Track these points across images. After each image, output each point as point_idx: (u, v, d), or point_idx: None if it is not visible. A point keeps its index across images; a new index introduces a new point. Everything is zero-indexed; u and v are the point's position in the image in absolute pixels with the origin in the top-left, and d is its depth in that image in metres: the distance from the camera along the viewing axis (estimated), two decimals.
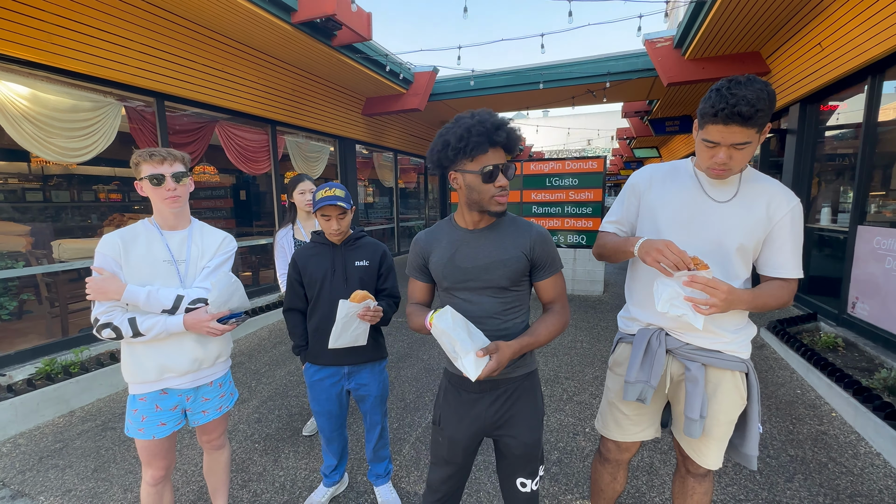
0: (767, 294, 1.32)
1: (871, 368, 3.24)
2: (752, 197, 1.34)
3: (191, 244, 1.63)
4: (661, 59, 5.96)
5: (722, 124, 1.21)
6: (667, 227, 1.40)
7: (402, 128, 9.67)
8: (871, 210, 4.05)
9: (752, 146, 1.24)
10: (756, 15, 4.54)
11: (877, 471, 2.32)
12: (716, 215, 1.35)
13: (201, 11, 4.28)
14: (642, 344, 1.45)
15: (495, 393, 1.36)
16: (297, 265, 1.93)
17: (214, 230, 1.73)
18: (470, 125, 1.21)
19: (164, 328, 1.51)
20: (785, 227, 1.32)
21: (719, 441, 1.44)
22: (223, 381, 1.76)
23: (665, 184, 1.45)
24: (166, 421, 1.62)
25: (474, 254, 1.31)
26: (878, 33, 3.49)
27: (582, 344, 4.34)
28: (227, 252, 1.71)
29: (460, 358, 1.17)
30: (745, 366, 1.41)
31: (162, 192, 1.53)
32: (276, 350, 4.37)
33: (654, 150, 15.00)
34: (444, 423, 1.42)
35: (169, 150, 1.55)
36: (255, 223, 7.45)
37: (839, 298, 4.22)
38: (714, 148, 1.26)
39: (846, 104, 4.68)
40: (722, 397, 1.41)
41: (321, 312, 1.89)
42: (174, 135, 4.82)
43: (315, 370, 1.96)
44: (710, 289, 1.21)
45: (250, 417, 3.04)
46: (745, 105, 1.15)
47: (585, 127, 25.61)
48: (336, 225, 1.83)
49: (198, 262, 1.64)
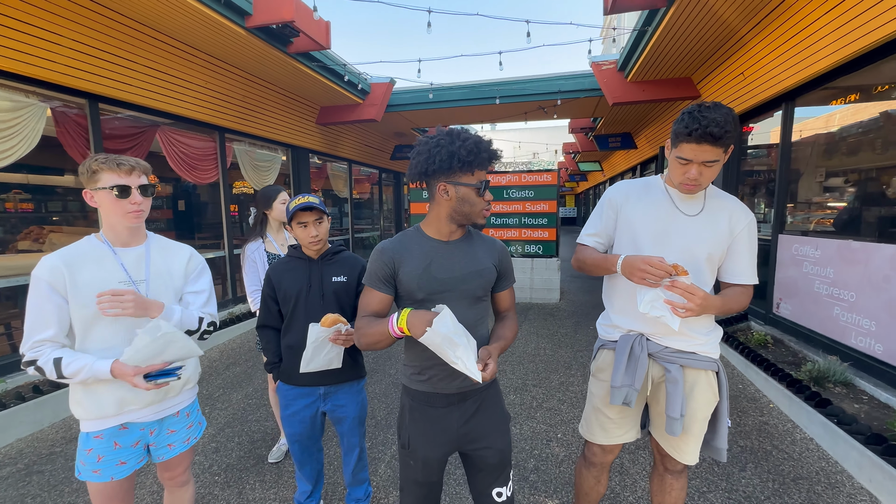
0: (732, 300, 1.47)
1: (797, 362, 3.63)
2: (716, 211, 1.49)
3: (150, 261, 1.47)
4: (606, 81, 6.40)
5: (695, 143, 1.33)
6: (644, 238, 1.51)
7: (358, 138, 9.54)
8: (789, 220, 4.58)
9: (719, 165, 1.38)
10: (688, 45, 5.03)
11: (812, 454, 2.60)
12: (687, 228, 1.48)
13: (144, 10, 3.98)
14: (626, 349, 1.53)
15: (463, 405, 1.36)
16: (271, 281, 1.83)
17: (175, 244, 1.58)
18: (478, 140, 1.25)
19: (90, 373, 1.31)
20: (743, 239, 1.48)
21: (696, 438, 1.55)
22: (191, 410, 1.61)
23: (640, 198, 1.56)
24: (127, 459, 1.44)
25: (450, 265, 1.32)
26: (791, 66, 4.00)
27: (545, 351, 4.48)
28: (205, 269, 1.58)
29: (462, 361, 1.15)
30: (717, 365, 1.54)
31: (125, 205, 1.37)
32: (230, 372, 4.08)
33: (597, 164, 15.97)
34: (415, 445, 1.36)
35: (137, 161, 1.41)
36: (198, 235, 6.96)
37: (766, 300, 4.70)
38: (687, 165, 1.38)
39: (760, 126, 5.29)
40: (699, 395, 1.51)
41: (296, 331, 1.79)
42: (109, 140, 4.41)
43: (288, 390, 1.85)
44: (688, 294, 1.32)
45: (206, 447, 2.80)
46: (715, 126, 1.29)
47: (533, 141, 26.74)
48: (314, 231, 1.76)
49: (164, 281, 1.48)
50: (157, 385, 1.34)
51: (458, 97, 7.59)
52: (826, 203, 4.29)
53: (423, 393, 1.36)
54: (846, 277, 3.50)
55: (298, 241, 1.83)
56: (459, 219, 1.31)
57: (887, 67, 3.31)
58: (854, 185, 3.90)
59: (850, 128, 3.86)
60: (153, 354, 1.32)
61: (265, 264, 2.39)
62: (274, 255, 2.44)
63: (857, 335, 3.37)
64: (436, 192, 1.30)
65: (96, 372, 1.31)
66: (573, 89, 7.18)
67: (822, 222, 4.26)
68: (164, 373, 1.37)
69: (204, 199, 7.05)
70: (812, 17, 3.62)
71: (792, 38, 3.93)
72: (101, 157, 1.37)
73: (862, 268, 3.33)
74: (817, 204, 4.40)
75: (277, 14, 4.37)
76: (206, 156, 5.61)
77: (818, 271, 3.85)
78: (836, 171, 4.15)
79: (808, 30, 3.69)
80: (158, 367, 1.35)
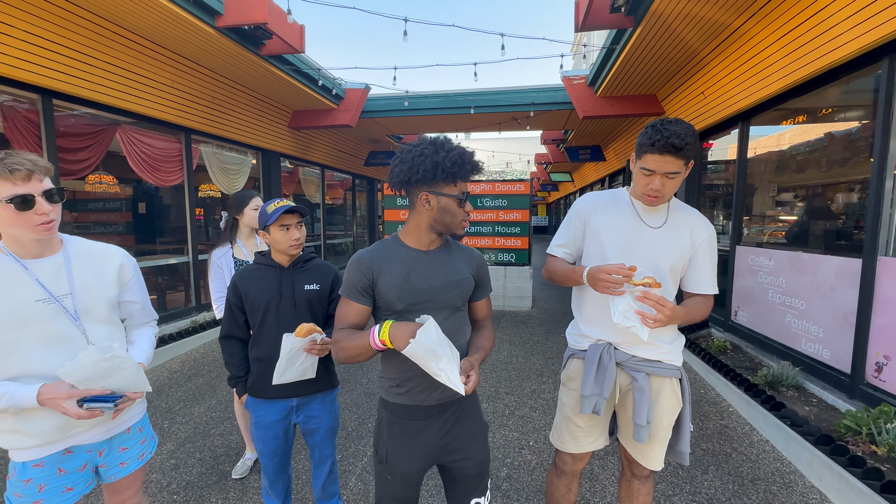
0: (695, 310, 1.53)
1: (753, 367, 3.82)
2: (679, 223, 1.55)
3: (72, 271, 1.27)
4: (577, 95, 6.61)
5: (658, 154, 1.39)
6: (611, 249, 1.56)
7: (331, 143, 9.42)
8: (745, 232, 4.85)
9: (680, 177, 1.43)
10: (653, 64, 5.28)
11: (768, 455, 2.73)
12: (651, 240, 1.53)
13: (106, 3, 3.81)
14: (595, 359, 1.56)
15: (443, 417, 1.35)
16: (237, 289, 1.75)
17: (101, 247, 1.38)
18: (462, 152, 1.25)
19: (11, 402, 1.14)
20: (704, 251, 1.54)
21: (662, 443, 1.60)
22: (142, 425, 1.48)
23: (607, 210, 1.60)
24: (74, 485, 1.31)
25: (430, 275, 1.31)
26: (746, 88, 4.26)
27: (517, 359, 4.52)
28: (139, 274, 1.45)
29: (446, 373, 1.14)
30: (680, 372, 1.59)
31: (30, 217, 1.14)
32: (192, 383, 3.89)
33: (568, 175, 16.41)
34: (393, 460, 1.33)
35: (35, 161, 1.16)
36: (160, 240, 6.64)
37: (725, 307, 4.94)
38: (650, 176, 1.44)
39: (719, 143, 5.60)
40: (663, 402, 1.56)
41: (266, 342, 1.72)
42: (64, 138, 4.17)
43: (259, 404, 1.78)
44: (659, 306, 1.37)
45: (165, 464, 2.65)
46: (676, 138, 1.36)
47: (506, 150, 27.21)
48: (297, 233, 1.72)
49: (93, 293, 1.29)
50: (91, 412, 1.18)
51: (433, 105, 7.65)
52: (779, 216, 4.57)
53: (402, 406, 1.34)
54: (797, 287, 3.72)
55: (276, 246, 1.74)
56: (440, 228, 1.31)
57: (831, 92, 3.58)
58: (803, 200, 4.18)
59: (799, 146, 4.14)
60: (96, 376, 1.18)
61: (232, 270, 2.31)
62: (242, 262, 2.36)
63: (806, 341, 3.59)
64: (417, 202, 1.29)
65: (18, 400, 1.14)
66: (546, 102, 7.37)
67: (776, 234, 4.53)
68: (101, 398, 1.20)
69: (167, 201, 6.75)
70: (764, 44, 3.88)
71: (747, 63, 4.19)
72: None
73: (811, 278, 3.56)
74: (770, 217, 4.68)
75: (249, 15, 4.28)
76: (171, 157, 5.39)
77: (772, 281, 4.08)
78: (787, 186, 4.43)
79: (761, 55, 3.95)
80: (97, 392, 1.20)
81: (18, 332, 1.17)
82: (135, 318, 1.46)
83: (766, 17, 3.79)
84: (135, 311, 1.45)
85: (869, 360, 2.97)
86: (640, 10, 4.13)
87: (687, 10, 3.92)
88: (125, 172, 5.03)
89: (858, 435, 2.51)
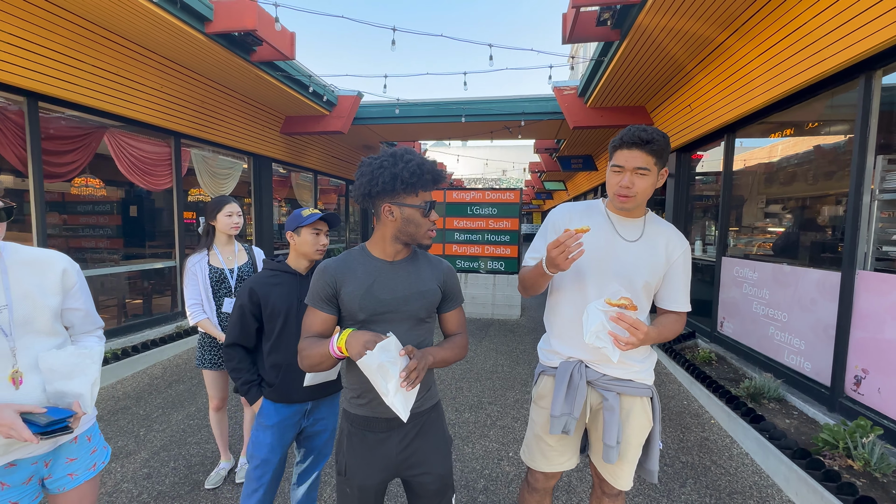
0: (667, 329, 1.51)
1: (737, 379, 3.82)
2: (654, 237, 1.51)
3: (9, 282, 1.20)
4: (567, 105, 6.66)
5: (626, 149, 1.41)
6: (585, 261, 1.51)
7: (324, 149, 9.43)
8: (731, 244, 4.88)
9: (650, 177, 1.41)
10: (641, 77, 5.34)
11: (746, 469, 2.72)
12: (626, 254, 1.49)
13: (94, 7, 3.81)
14: (565, 377, 1.52)
15: (403, 430, 1.34)
16: (255, 295, 1.74)
17: (41, 253, 1.31)
18: (421, 162, 1.25)
19: None
20: (679, 267, 1.51)
21: (631, 463, 1.56)
22: (91, 434, 1.40)
23: (582, 221, 1.57)
24: (18, 498, 1.25)
25: (393, 285, 1.31)
26: (731, 102, 4.31)
27: (503, 368, 4.50)
28: (83, 280, 1.38)
29: (391, 396, 1.13)
30: (651, 391, 1.56)
31: None
32: (173, 390, 3.84)
33: (562, 184, 16.50)
34: (352, 472, 1.33)
35: None
36: (149, 244, 6.60)
37: (711, 318, 4.95)
38: (620, 173, 1.43)
39: (709, 154, 5.65)
40: (634, 422, 1.53)
41: (286, 348, 1.73)
42: (50, 140, 4.15)
43: (279, 408, 1.75)
44: (633, 329, 1.33)
45: (137, 474, 2.61)
46: (643, 132, 1.39)
47: (502, 159, 27.34)
48: (325, 240, 1.79)
49: (33, 303, 1.23)
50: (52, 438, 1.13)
51: (425, 113, 7.68)
52: (766, 228, 4.61)
53: (363, 417, 1.33)
54: (779, 299, 3.74)
55: (303, 248, 1.76)
56: (405, 238, 1.31)
57: (814, 107, 3.63)
58: (790, 213, 4.21)
59: (789, 159, 4.19)
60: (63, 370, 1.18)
61: (206, 278, 2.29)
62: (218, 269, 2.34)
63: (789, 353, 3.60)
64: (381, 213, 1.29)
65: None
66: (537, 111, 7.43)
67: (763, 246, 4.56)
68: (57, 425, 1.15)
69: (158, 205, 6.73)
70: (747, 58, 3.94)
71: (731, 77, 4.24)
72: None
73: (793, 290, 3.58)
74: (758, 229, 4.72)
75: (239, 22, 4.30)
76: (160, 161, 5.37)
77: (756, 292, 4.10)
78: (773, 198, 4.47)
79: (745, 70, 4.00)
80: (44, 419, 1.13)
81: None
82: (76, 326, 1.40)
83: (748, 32, 3.85)
84: (77, 318, 1.39)
85: (848, 374, 2.98)
86: (626, 24, 4.19)
87: (672, 25, 3.98)
88: (114, 175, 5.01)
89: (836, 449, 2.51)
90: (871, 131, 2.88)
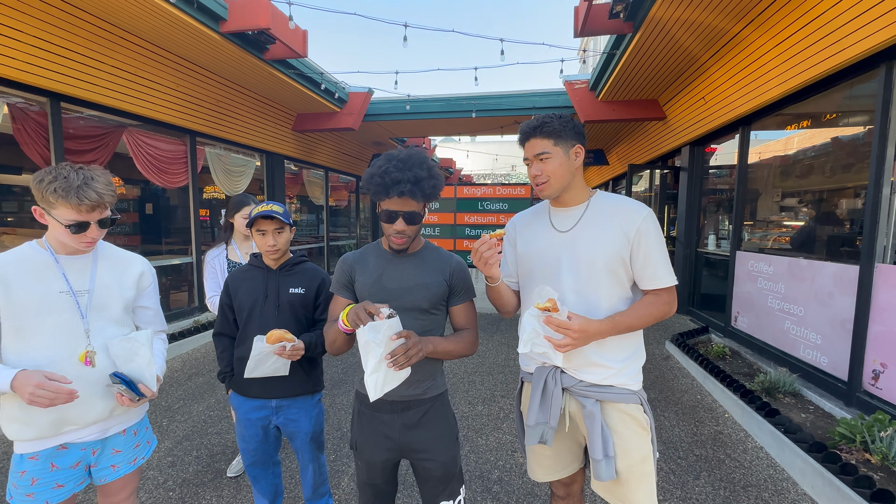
0: (643, 311, 1.33)
1: (751, 373, 3.80)
2: (601, 221, 1.37)
3: (96, 272, 1.37)
4: (578, 99, 6.62)
5: (525, 142, 1.41)
6: (539, 270, 1.43)
7: (335, 145, 9.50)
8: (746, 238, 4.83)
9: (556, 158, 1.34)
10: (654, 69, 5.28)
11: (761, 462, 2.72)
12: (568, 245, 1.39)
13: (114, 10, 3.90)
14: (540, 384, 1.41)
15: (406, 414, 1.40)
16: (228, 288, 1.81)
17: (127, 255, 1.49)
18: (386, 171, 1.28)
19: None
20: (642, 240, 1.32)
21: (639, 482, 1.34)
22: (138, 428, 1.49)
23: (527, 228, 1.51)
24: (65, 482, 1.33)
25: (399, 276, 1.40)
26: (746, 94, 4.25)
27: (514, 362, 4.53)
28: (156, 284, 1.54)
29: (367, 373, 1.20)
30: (638, 398, 1.38)
31: (80, 237, 1.28)
32: (192, 382, 3.95)
33: None
34: (361, 447, 1.45)
35: (101, 193, 1.25)
36: (165, 240, 6.75)
37: (725, 313, 4.91)
38: (529, 165, 1.41)
39: (723, 147, 5.59)
40: (625, 432, 1.36)
41: (249, 342, 1.71)
42: (72, 140, 4.26)
43: (241, 401, 1.81)
44: (562, 329, 1.26)
45: (162, 462, 2.70)
46: (532, 121, 1.38)
47: (511, 154, 27.20)
48: (272, 240, 1.71)
49: (110, 292, 1.39)
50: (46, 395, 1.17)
51: (435, 109, 7.70)
52: (782, 222, 4.55)
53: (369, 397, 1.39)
54: (795, 293, 3.70)
55: (258, 248, 1.80)
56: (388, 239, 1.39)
57: (831, 98, 3.57)
58: (807, 206, 4.16)
59: (806, 151, 4.12)
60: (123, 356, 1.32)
61: (224, 271, 2.36)
62: (236, 264, 2.41)
63: (805, 348, 3.57)
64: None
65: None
66: (547, 106, 7.39)
67: (778, 240, 4.51)
68: (125, 380, 1.30)
69: (173, 202, 6.86)
70: (762, 50, 3.88)
71: (746, 69, 4.19)
72: (61, 185, 1.19)
73: (809, 284, 3.54)
74: (773, 223, 4.66)
75: (253, 21, 4.36)
76: (176, 159, 5.48)
77: (771, 287, 4.06)
78: (788, 192, 4.41)
79: (760, 61, 3.95)
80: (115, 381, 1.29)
81: (39, 318, 1.26)
82: (146, 324, 1.53)
83: (764, 22, 3.79)
84: (147, 317, 1.53)
85: (866, 368, 2.96)
86: (639, 16, 4.15)
87: (685, 17, 3.93)
88: (132, 174, 5.13)
89: (852, 443, 2.50)
90: (892, 122, 2.84)
